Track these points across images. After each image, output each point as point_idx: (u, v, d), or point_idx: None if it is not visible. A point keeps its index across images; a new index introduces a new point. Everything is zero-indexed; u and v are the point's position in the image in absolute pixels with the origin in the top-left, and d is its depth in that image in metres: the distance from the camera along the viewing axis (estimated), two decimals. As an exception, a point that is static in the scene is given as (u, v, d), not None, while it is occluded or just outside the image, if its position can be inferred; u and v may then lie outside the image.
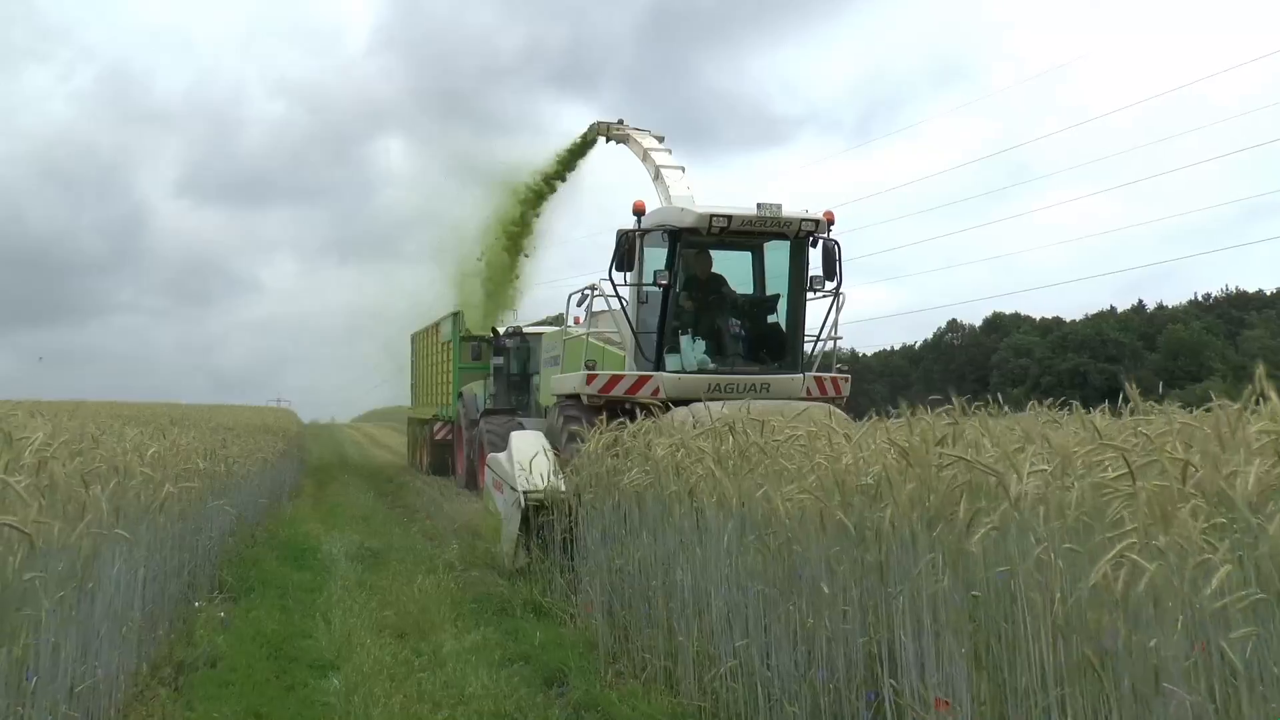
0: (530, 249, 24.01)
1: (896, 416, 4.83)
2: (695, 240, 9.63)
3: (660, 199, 11.96)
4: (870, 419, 5.25)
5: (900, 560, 3.32)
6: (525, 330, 16.64)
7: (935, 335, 75.00)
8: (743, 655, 4.10)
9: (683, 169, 12.91)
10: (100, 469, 4.15)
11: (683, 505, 5.02)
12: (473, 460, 15.46)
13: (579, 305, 10.66)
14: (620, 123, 16.16)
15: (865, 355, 64.45)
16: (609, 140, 16.78)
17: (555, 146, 22.27)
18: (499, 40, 68.49)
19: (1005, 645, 2.88)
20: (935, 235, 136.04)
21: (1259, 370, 2.80)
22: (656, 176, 12.88)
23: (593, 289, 10.09)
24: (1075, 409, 4.32)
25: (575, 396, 9.84)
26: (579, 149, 20.88)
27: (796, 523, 3.89)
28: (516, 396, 15.86)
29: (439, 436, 19.43)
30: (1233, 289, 69.38)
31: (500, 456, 8.47)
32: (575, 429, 7.96)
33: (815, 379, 10.00)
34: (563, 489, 7.31)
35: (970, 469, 3.15)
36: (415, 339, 23.41)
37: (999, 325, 69.78)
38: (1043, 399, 5.22)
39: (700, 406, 6.55)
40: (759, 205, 9.48)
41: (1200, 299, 69.85)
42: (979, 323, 72.04)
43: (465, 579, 7.76)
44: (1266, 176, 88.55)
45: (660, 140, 14.42)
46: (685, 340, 9.83)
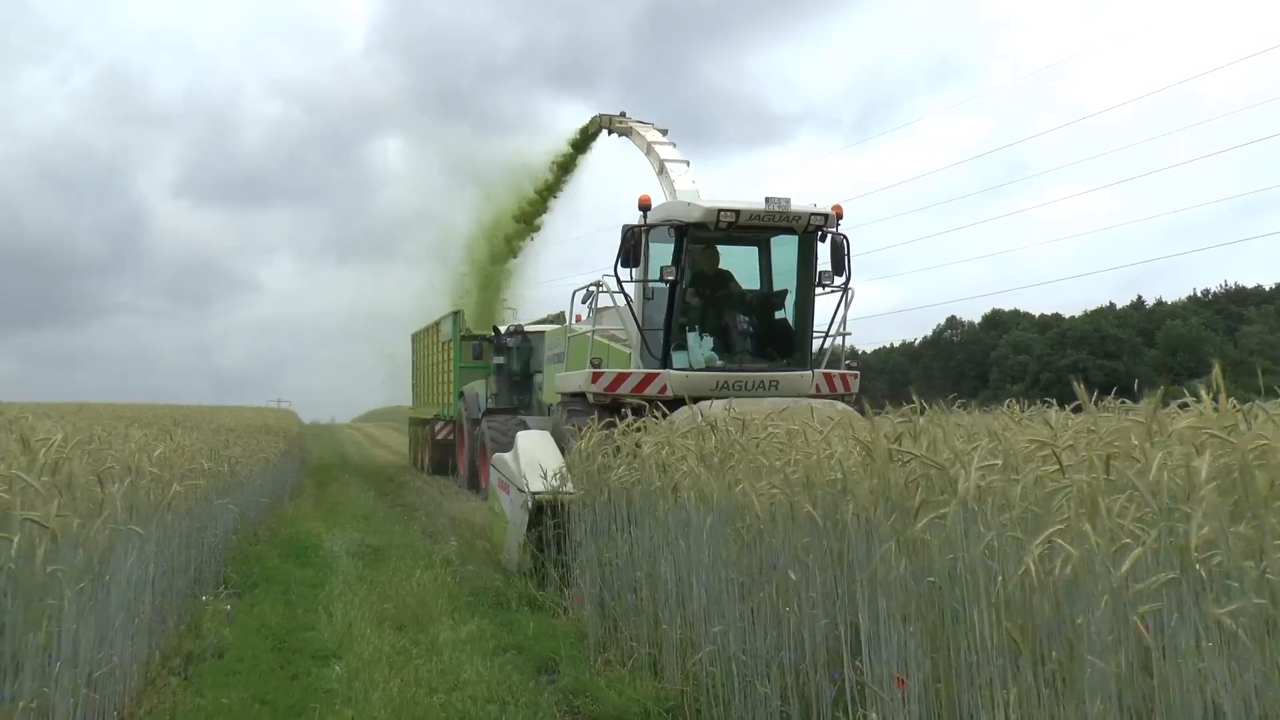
0: (519, 250, 23.94)
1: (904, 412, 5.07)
2: (702, 235, 9.49)
3: (665, 194, 11.73)
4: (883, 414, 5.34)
5: (861, 550, 3.56)
6: (526, 328, 16.53)
7: (935, 332, 75.23)
8: (720, 640, 4.34)
9: (687, 163, 12.63)
10: (114, 468, 4.39)
11: (667, 500, 5.24)
12: (474, 460, 15.44)
13: (583, 302, 10.53)
14: (623, 115, 15.89)
15: (864, 352, 64.56)
16: (611, 133, 16.50)
17: (555, 142, 22.02)
18: (497, 39, 68.59)
19: (952, 626, 3.12)
20: (934, 232, 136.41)
21: (1215, 369, 3.00)
22: (660, 171, 12.64)
23: (597, 285, 10.00)
24: (1047, 406, 4.53)
25: (580, 395, 9.78)
26: (580, 143, 20.57)
27: (769, 516, 4.13)
28: (518, 396, 15.82)
29: (440, 436, 19.33)
30: (1231, 284, 69.65)
31: (506, 457, 8.29)
32: (581, 428, 7.74)
33: (825, 376, 9.88)
34: (571, 489, 7.08)
35: (926, 466, 3.39)
36: (416, 338, 23.40)
37: (998, 322, 69.96)
38: (1042, 395, 5.44)
39: (713, 404, 6.52)
40: (767, 199, 9.35)
41: (1199, 294, 70.12)
42: (978, 319, 72.31)
43: (462, 574, 7.96)
44: (1265, 172, 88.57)
45: (664, 134, 14.06)
46: (692, 337, 9.72)
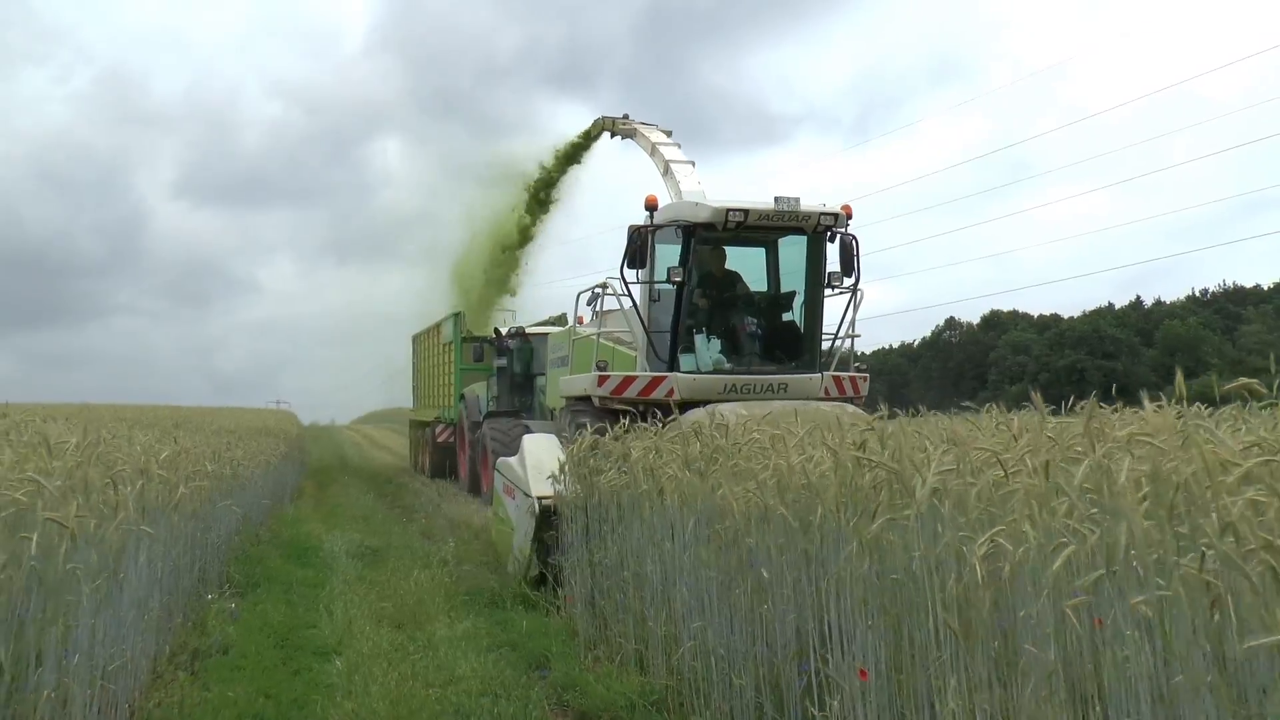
0: (515, 249, 23.99)
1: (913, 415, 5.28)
2: (710, 236, 9.30)
3: (670, 195, 11.63)
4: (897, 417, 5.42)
5: (828, 549, 3.79)
6: (528, 331, 16.52)
7: (933, 333, 75.56)
8: (700, 636, 4.58)
9: (693, 164, 12.57)
10: (125, 471, 4.63)
11: (653, 503, 5.47)
12: (475, 463, 15.48)
13: (588, 304, 10.44)
14: (626, 117, 15.92)
15: (863, 353, 64.72)
16: (614, 135, 16.50)
17: (555, 143, 21.92)
18: (496, 40, 68.80)
19: (910, 620, 3.35)
20: (933, 233, 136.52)
21: (1178, 377, 3.19)
22: (665, 172, 12.56)
23: (603, 287, 9.89)
24: (1018, 409, 4.76)
25: (586, 398, 9.64)
26: (582, 145, 20.52)
27: (745, 518, 4.36)
28: (520, 398, 15.78)
29: (441, 439, 19.16)
30: (1230, 284, 69.96)
31: (512, 461, 8.17)
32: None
33: (834, 378, 9.75)
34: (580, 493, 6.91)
35: (889, 470, 3.62)
36: (416, 340, 23.39)
37: (997, 323, 70.28)
38: (1042, 395, 5.64)
39: (727, 407, 6.45)
40: (777, 199, 9.19)
41: (1198, 294, 70.40)
42: (977, 320, 72.62)
43: (459, 573, 8.17)
44: (1263, 171, 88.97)
45: (668, 135, 14.00)
46: (700, 339, 9.55)
